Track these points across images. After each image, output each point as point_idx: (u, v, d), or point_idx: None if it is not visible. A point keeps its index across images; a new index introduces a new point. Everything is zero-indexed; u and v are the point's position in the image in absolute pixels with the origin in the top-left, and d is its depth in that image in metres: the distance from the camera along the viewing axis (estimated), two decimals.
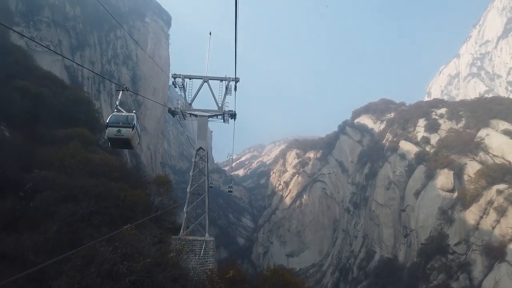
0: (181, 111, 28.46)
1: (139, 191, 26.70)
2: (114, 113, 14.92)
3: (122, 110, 15.06)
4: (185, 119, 29.66)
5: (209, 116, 28.63)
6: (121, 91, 15.45)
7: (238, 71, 24.53)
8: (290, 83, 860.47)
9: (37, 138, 26.56)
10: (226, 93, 28.69)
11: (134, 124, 14.62)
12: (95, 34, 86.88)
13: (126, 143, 14.95)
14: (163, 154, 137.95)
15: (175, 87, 28.68)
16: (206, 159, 28.92)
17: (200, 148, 28.63)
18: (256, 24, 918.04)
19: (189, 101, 28.97)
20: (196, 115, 28.68)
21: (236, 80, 27.63)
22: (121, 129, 14.33)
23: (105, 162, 29.82)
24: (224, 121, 29.00)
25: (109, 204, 21.00)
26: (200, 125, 28.67)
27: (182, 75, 28.19)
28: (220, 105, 28.71)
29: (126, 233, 16.81)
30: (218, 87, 28.69)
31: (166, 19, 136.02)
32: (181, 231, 26.38)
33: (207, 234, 27.00)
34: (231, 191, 67.27)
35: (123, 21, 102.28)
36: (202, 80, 28.90)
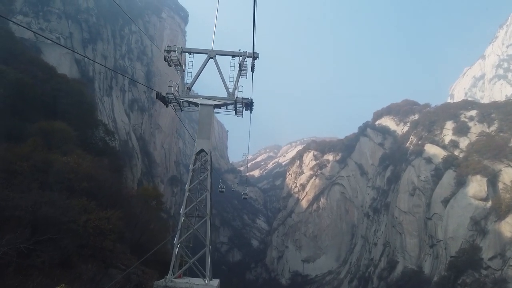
0: (175, 97, 19.93)
1: (110, 213, 19.33)
2: None
3: None
4: (182, 109, 20.93)
5: (216, 106, 20.15)
6: None
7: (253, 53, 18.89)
8: (307, 83, 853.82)
9: (5, 134, 21.58)
10: (239, 74, 20.44)
11: None
12: (108, 27, 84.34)
13: None
14: (178, 153, 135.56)
15: (170, 65, 20.40)
16: (210, 167, 19.61)
17: (202, 151, 19.69)
18: (276, 12, 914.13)
19: (188, 85, 20.56)
20: (196, 104, 20.13)
21: (255, 56, 19.56)
22: None
23: (71, 168, 21.73)
24: (236, 114, 20.84)
25: (54, 235, 13.80)
26: (203, 118, 19.95)
27: (180, 48, 20.49)
28: (231, 90, 20.35)
29: None
30: (229, 68, 20.30)
31: (183, 16, 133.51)
32: (169, 272, 17.40)
33: (207, 278, 17.73)
34: (245, 197, 65.29)
35: (138, 16, 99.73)
36: (206, 55, 20.54)
